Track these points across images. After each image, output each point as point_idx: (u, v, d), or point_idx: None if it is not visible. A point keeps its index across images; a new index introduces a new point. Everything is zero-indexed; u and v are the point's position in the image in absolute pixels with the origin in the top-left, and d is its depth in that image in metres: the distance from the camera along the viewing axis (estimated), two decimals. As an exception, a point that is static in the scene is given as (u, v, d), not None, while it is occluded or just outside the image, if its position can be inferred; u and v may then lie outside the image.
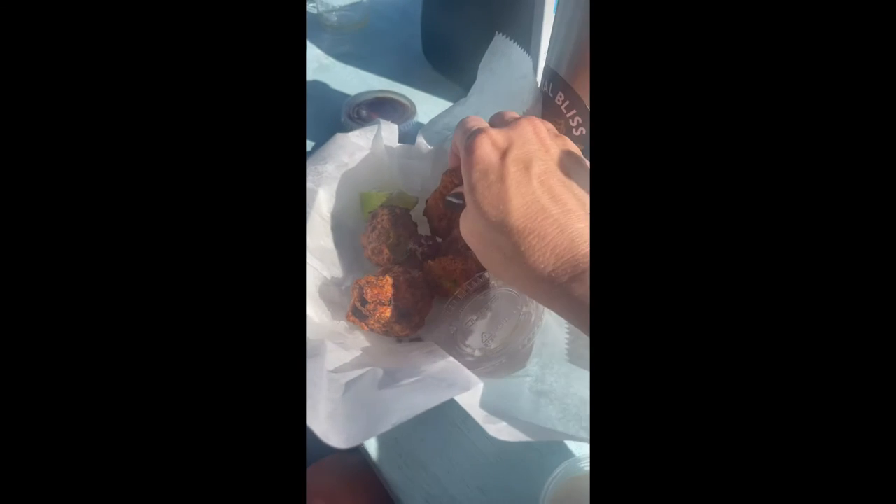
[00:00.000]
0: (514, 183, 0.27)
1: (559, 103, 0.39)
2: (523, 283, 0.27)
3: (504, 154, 0.28)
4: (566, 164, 0.29)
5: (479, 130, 0.29)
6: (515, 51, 0.40)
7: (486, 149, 0.28)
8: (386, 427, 0.26)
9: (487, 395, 0.29)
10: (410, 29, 0.69)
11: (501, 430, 0.29)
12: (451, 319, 0.36)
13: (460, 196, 0.34)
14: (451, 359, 0.31)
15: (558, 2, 0.48)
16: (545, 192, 0.27)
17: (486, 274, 0.36)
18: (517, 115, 0.33)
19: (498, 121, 0.33)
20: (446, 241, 0.40)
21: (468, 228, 0.30)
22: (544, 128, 0.30)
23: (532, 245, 0.26)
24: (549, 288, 0.26)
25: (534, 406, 0.31)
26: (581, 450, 0.35)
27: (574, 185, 0.28)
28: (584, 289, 0.24)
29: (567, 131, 0.40)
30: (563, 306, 0.26)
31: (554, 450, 0.35)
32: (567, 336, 0.31)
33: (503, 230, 0.27)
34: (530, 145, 0.29)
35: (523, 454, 0.35)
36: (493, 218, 0.27)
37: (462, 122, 0.33)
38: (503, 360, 0.32)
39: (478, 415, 0.30)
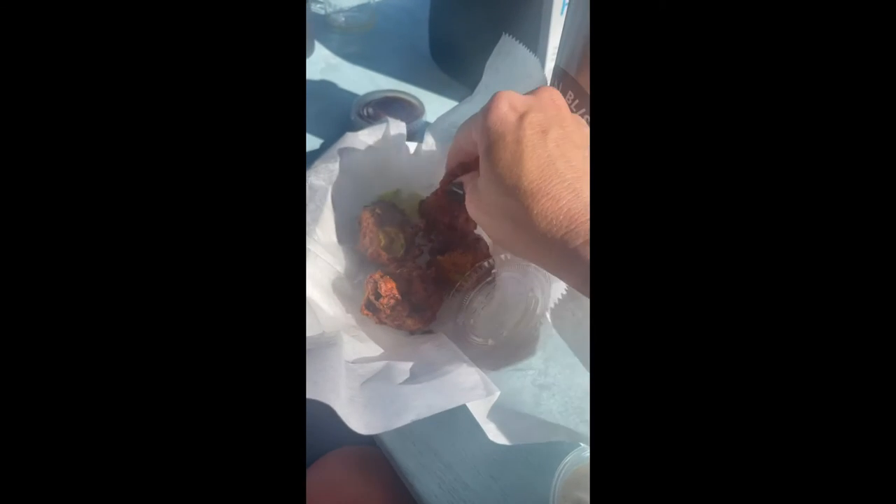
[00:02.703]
0: (529, 145, 0.27)
1: (569, 101, 0.40)
2: (533, 249, 0.28)
3: (522, 116, 0.28)
4: (581, 135, 0.29)
5: (498, 93, 0.29)
6: (521, 51, 0.40)
7: (504, 109, 0.28)
8: (404, 421, 0.27)
9: None
10: (418, 31, 0.70)
11: (497, 433, 0.30)
12: (458, 310, 0.37)
13: (461, 186, 0.35)
14: (470, 363, 0.32)
15: (566, 5, 0.50)
16: (561, 156, 0.27)
17: (490, 261, 0.36)
18: None
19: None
20: (456, 236, 0.41)
21: (475, 203, 0.30)
22: (562, 99, 0.31)
23: (545, 207, 0.26)
24: (561, 252, 0.26)
25: (535, 400, 0.31)
26: (590, 439, 0.36)
27: (588, 154, 0.28)
28: None
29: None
30: (572, 271, 0.26)
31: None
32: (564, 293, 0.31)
33: (516, 193, 0.27)
34: (549, 111, 0.29)
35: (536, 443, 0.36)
36: (507, 180, 0.27)
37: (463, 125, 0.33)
38: (511, 348, 0.32)
39: (479, 413, 0.30)
